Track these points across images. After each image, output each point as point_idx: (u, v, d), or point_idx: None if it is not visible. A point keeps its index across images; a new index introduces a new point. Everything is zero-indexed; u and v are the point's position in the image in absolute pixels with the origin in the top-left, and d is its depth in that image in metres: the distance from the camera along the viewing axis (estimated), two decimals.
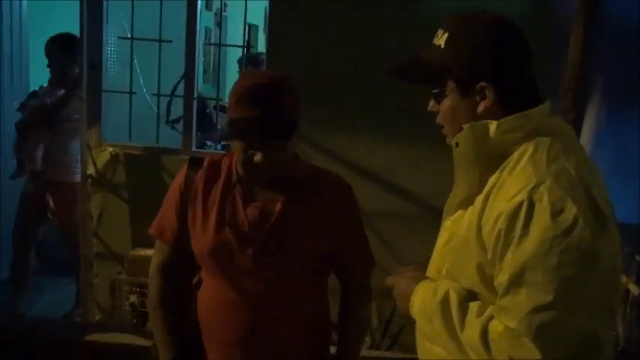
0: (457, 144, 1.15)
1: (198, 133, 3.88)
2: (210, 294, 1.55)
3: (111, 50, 3.46)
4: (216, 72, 5.42)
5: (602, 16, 2.38)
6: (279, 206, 1.49)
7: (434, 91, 1.21)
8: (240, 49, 3.83)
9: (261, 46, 6.53)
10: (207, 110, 4.68)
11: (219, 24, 6.70)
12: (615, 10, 2.44)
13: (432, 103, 1.24)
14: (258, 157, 1.40)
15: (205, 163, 1.56)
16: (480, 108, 1.15)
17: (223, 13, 6.74)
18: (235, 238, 1.48)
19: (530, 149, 1.10)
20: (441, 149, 3.32)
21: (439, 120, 1.23)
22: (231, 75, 4.24)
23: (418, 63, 1.22)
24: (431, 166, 3.19)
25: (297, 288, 1.54)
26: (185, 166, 1.58)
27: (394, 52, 2.95)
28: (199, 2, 3.31)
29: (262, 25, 7.24)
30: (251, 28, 6.70)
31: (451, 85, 1.17)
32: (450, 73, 1.16)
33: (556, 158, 1.09)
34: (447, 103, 1.19)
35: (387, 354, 2.80)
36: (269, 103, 1.37)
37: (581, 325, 1.03)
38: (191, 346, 1.57)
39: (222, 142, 4.50)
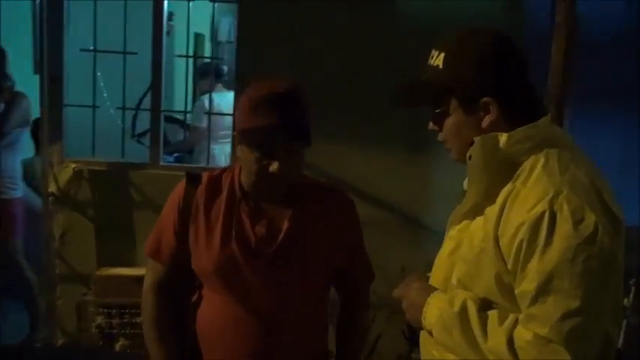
0: (470, 157, 1.16)
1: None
2: (215, 311, 1.50)
3: (72, 63, 3.34)
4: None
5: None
6: (286, 223, 1.46)
7: (437, 111, 1.22)
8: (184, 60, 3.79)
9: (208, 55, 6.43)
10: None
11: (168, 33, 6.61)
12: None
13: (432, 122, 1.25)
14: (274, 167, 1.37)
15: (205, 179, 1.51)
16: (485, 122, 1.17)
17: (170, 22, 6.66)
18: (243, 255, 1.45)
19: (542, 160, 1.13)
20: (413, 158, 3.40)
21: (442, 138, 1.25)
22: (179, 86, 4.16)
23: (418, 87, 1.24)
24: (403, 175, 3.23)
25: (305, 303, 1.52)
26: (183, 184, 1.53)
27: (368, 61, 3.11)
28: (165, 13, 3.24)
29: (208, 34, 7.25)
30: (198, 38, 6.64)
31: (454, 103, 1.19)
32: (452, 92, 1.18)
33: (567, 168, 1.12)
34: (450, 121, 1.20)
35: None
36: (288, 109, 1.36)
37: (604, 327, 1.07)
38: None
39: (175, 155, 4.44)
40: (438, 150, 3.33)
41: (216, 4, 3.59)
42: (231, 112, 3.39)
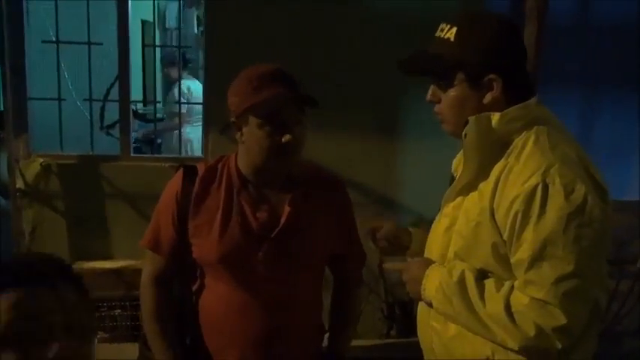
0: (465, 135, 1.21)
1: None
2: (218, 299, 1.51)
3: (34, 55, 3.26)
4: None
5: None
6: (287, 207, 1.48)
7: (440, 82, 1.26)
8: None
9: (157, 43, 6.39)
10: None
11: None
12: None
13: (431, 92, 1.28)
14: (287, 137, 1.40)
15: (202, 171, 1.53)
16: (487, 99, 1.22)
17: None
18: (246, 242, 1.47)
19: (533, 137, 1.19)
20: (389, 141, 3.45)
21: (439, 109, 1.28)
22: (135, 75, 4.12)
23: (427, 56, 1.26)
24: (374, 159, 3.29)
25: (307, 287, 1.56)
26: (179, 176, 1.54)
27: (346, 47, 3.12)
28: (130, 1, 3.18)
29: (155, 21, 7.19)
30: (145, 25, 6.55)
31: (460, 76, 1.23)
32: (461, 66, 1.21)
33: (557, 144, 1.18)
34: (452, 93, 1.24)
35: (375, 341, 2.81)
36: (291, 81, 1.41)
37: (595, 291, 1.15)
38: (194, 353, 1.55)
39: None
40: (406, 136, 3.42)
41: None
42: (200, 98, 3.38)
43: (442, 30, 1.25)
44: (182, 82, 3.88)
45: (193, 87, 4.49)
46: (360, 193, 3.21)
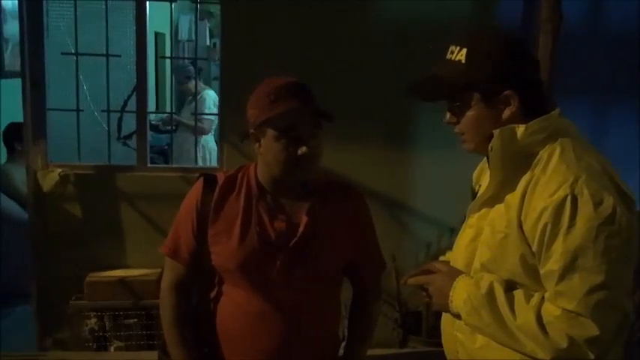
0: (491, 148, 1.22)
1: None
2: (237, 307, 1.53)
3: (53, 67, 3.32)
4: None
5: None
6: (304, 217, 1.50)
7: (456, 104, 1.27)
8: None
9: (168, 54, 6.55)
10: None
11: None
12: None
13: (448, 115, 1.30)
14: (303, 150, 1.42)
15: (222, 180, 1.56)
16: (506, 114, 1.23)
17: None
18: (264, 250, 1.48)
19: (558, 149, 1.21)
20: (396, 149, 3.47)
21: (459, 130, 1.30)
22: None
23: (440, 81, 1.28)
24: (389, 164, 3.31)
25: (324, 295, 1.57)
26: (200, 185, 1.57)
27: (356, 56, 3.15)
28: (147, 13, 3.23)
29: (168, 33, 7.28)
30: (158, 37, 6.63)
31: (476, 97, 1.24)
32: (475, 86, 1.23)
33: (582, 155, 1.20)
34: (470, 113, 1.26)
35: (395, 351, 2.81)
36: (307, 95, 1.44)
37: (624, 300, 1.16)
38: None
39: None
40: (412, 144, 3.42)
41: (174, 4, 3.59)
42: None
43: (452, 52, 1.26)
44: (205, 92, 3.93)
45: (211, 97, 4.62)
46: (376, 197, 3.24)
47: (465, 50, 1.24)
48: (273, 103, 1.42)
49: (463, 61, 1.23)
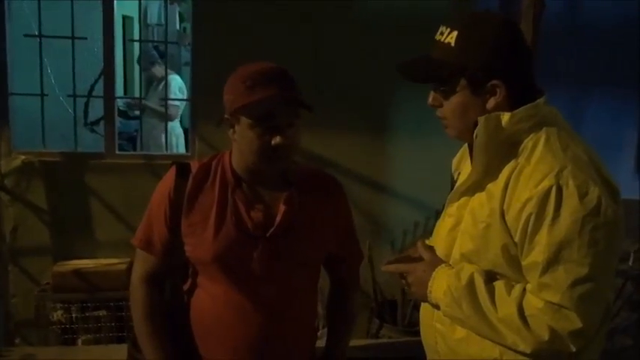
0: (476, 135, 1.19)
1: None
2: (212, 299, 1.48)
3: (16, 50, 3.18)
4: None
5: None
6: (282, 206, 1.45)
7: (441, 88, 1.23)
8: None
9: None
10: None
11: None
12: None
13: (432, 97, 1.25)
14: (277, 140, 1.35)
15: (195, 169, 1.49)
16: (491, 104, 1.19)
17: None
18: (241, 240, 1.43)
19: (543, 138, 1.17)
20: (381, 138, 3.49)
21: (442, 114, 1.25)
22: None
23: (428, 63, 1.23)
24: (374, 152, 3.32)
25: (302, 287, 1.53)
26: (172, 174, 1.49)
27: (337, 44, 3.11)
28: None
29: (136, 17, 7.18)
30: (126, 20, 6.51)
31: (463, 82, 1.19)
32: (463, 72, 1.18)
33: (568, 145, 1.17)
34: (455, 99, 1.21)
35: (374, 341, 2.79)
36: (285, 82, 1.37)
37: (607, 292, 1.15)
38: (186, 354, 1.51)
39: None
40: (394, 130, 3.43)
41: None
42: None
43: (442, 33, 1.21)
44: (170, 77, 3.84)
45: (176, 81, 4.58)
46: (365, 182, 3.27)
47: (455, 33, 1.19)
48: (249, 90, 1.35)
49: (452, 45, 1.18)
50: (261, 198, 1.46)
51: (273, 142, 1.35)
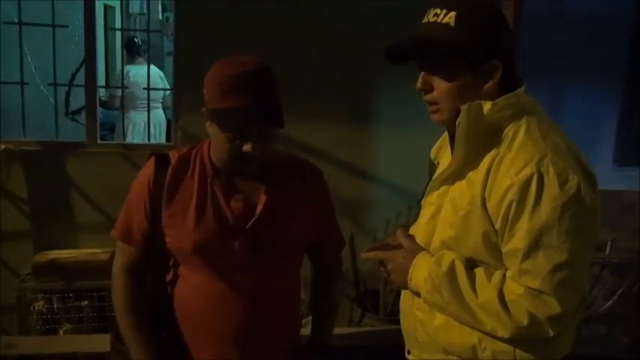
0: (458, 124, 1.19)
1: None
2: (193, 290, 1.48)
3: None
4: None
5: None
6: (262, 196, 1.45)
7: (436, 69, 1.21)
8: None
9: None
10: None
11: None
12: None
13: (422, 81, 1.24)
14: (248, 147, 1.34)
15: (174, 159, 1.48)
16: (488, 86, 1.20)
17: None
18: (221, 232, 1.43)
19: (524, 126, 1.19)
20: (363, 127, 3.50)
21: (432, 98, 1.23)
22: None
23: (426, 41, 1.20)
24: (356, 141, 3.32)
25: (284, 276, 1.53)
26: (151, 165, 1.49)
27: (323, 34, 3.10)
28: None
29: (118, 6, 7.14)
30: (107, 9, 6.44)
31: (462, 62, 1.19)
32: (464, 51, 1.18)
33: (547, 133, 1.19)
34: (452, 81, 1.20)
35: (356, 330, 2.81)
36: (261, 91, 1.32)
37: (584, 279, 1.18)
38: (169, 346, 1.51)
39: None
40: (376, 119, 3.44)
41: None
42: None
43: (437, 15, 1.20)
44: (130, 67, 3.88)
45: (133, 72, 4.77)
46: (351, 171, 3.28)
47: (453, 13, 1.18)
48: (223, 95, 1.32)
49: (452, 24, 1.17)
50: (241, 188, 1.46)
51: (244, 148, 1.35)
